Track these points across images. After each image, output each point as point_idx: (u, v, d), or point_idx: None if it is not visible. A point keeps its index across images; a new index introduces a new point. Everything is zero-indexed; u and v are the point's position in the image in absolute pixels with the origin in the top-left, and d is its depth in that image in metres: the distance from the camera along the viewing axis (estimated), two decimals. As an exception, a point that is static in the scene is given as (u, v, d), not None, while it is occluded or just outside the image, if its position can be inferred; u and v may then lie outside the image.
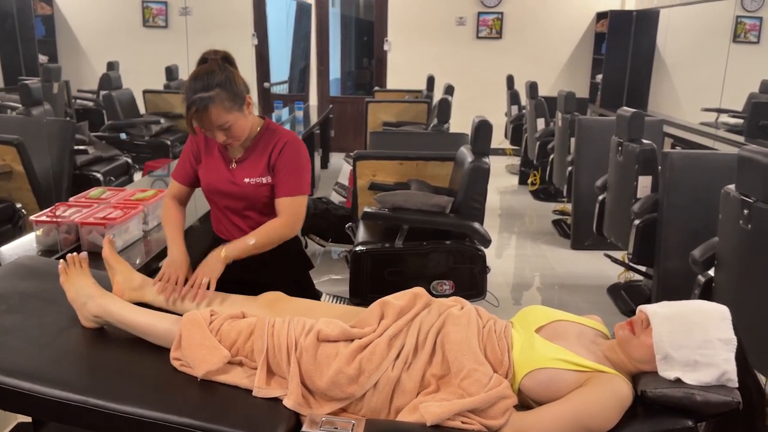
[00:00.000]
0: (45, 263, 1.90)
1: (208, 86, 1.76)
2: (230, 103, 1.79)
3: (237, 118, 1.82)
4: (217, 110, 1.77)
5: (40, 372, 1.39)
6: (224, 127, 1.81)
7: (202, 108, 1.75)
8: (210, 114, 1.76)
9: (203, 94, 1.75)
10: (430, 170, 3.60)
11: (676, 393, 1.33)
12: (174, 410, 1.34)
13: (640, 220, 3.21)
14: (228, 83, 1.79)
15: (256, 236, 1.90)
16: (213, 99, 1.75)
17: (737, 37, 5.83)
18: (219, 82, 1.77)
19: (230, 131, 1.83)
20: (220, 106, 1.77)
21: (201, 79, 1.77)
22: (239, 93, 1.82)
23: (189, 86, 1.78)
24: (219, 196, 2.01)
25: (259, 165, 1.95)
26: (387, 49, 8.06)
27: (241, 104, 1.83)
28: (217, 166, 1.98)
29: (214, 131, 1.82)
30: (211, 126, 1.80)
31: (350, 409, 1.43)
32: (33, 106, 3.99)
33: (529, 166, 6.41)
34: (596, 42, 7.99)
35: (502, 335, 1.50)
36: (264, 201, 1.97)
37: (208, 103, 1.75)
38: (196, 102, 1.75)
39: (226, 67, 1.82)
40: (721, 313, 1.39)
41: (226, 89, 1.78)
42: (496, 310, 3.38)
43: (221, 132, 1.82)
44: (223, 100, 1.77)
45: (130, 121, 5.19)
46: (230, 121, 1.80)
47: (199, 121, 1.79)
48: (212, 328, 1.51)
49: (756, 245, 2.25)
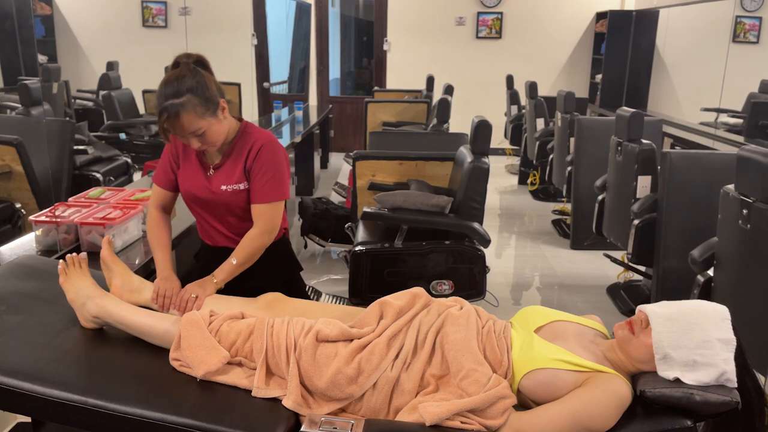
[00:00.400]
0: (44, 263, 1.90)
1: (178, 92, 1.70)
2: (202, 109, 1.73)
3: (210, 123, 1.76)
4: (189, 116, 1.71)
5: (40, 372, 1.39)
6: (197, 133, 1.75)
7: (173, 115, 1.70)
8: (182, 121, 1.71)
9: (174, 101, 1.70)
10: (430, 170, 3.60)
11: (675, 393, 1.33)
12: (173, 410, 1.34)
13: (639, 220, 3.21)
14: (200, 88, 1.73)
15: (236, 255, 1.86)
16: (184, 105, 1.70)
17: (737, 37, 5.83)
18: (190, 87, 1.71)
19: (204, 137, 1.77)
20: (192, 112, 1.71)
21: (171, 85, 1.71)
22: (212, 97, 1.76)
23: (160, 92, 1.73)
24: (197, 204, 1.97)
25: (235, 171, 1.89)
26: (386, 49, 8.06)
27: (214, 109, 1.77)
28: (194, 173, 1.92)
29: (188, 138, 1.76)
30: (184, 132, 1.74)
31: (349, 409, 1.43)
32: (32, 106, 3.99)
33: (528, 166, 6.41)
34: (596, 42, 8.00)
35: (502, 335, 1.50)
36: (242, 206, 1.93)
37: (179, 110, 1.70)
38: (167, 108, 1.70)
39: (197, 71, 1.76)
40: (721, 313, 1.39)
41: (197, 94, 1.72)
42: (496, 310, 3.38)
43: (195, 138, 1.76)
44: (195, 105, 1.71)
45: (129, 121, 5.19)
46: (203, 127, 1.75)
47: (172, 128, 1.73)
48: (211, 328, 1.51)
49: (755, 245, 2.25)
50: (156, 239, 1.93)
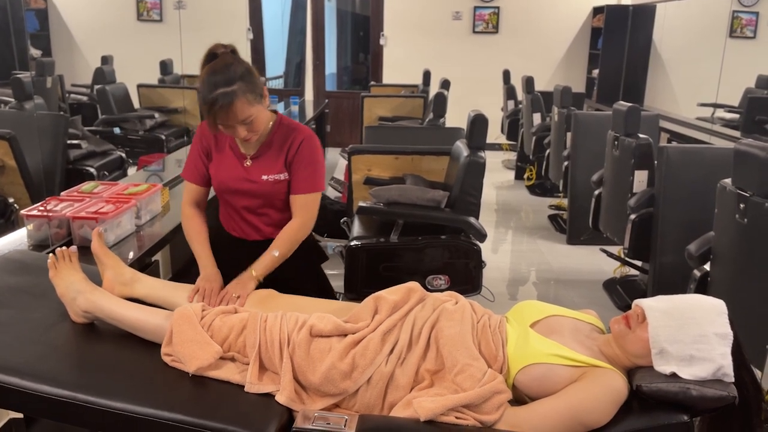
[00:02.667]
0: (35, 258, 1.88)
1: (229, 80, 1.68)
2: (252, 96, 1.73)
3: (259, 110, 1.76)
4: (242, 104, 1.70)
5: (29, 368, 1.37)
6: (247, 121, 1.74)
7: (226, 104, 1.68)
8: (235, 109, 1.69)
9: (226, 89, 1.68)
10: (426, 165, 3.59)
11: (672, 387, 1.32)
12: (165, 406, 1.32)
13: (636, 215, 3.20)
14: (248, 75, 1.73)
15: (279, 247, 1.86)
16: (236, 93, 1.68)
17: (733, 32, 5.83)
18: (240, 74, 1.71)
19: (252, 125, 1.76)
20: (244, 99, 1.70)
21: (221, 73, 1.69)
22: (258, 85, 1.76)
23: (206, 81, 1.70)
24: (234, 195, 1.95)
25: (276, 162, 1.90)
26: (383, 43, 8.03)
27: (260, 97, 1.77)
28: (231, 164, 1.91)
29: (235, 127, 1.74)
30: (235, 121, 1.72)
31: (343, 404, 1.42)
32: (25, 100, 3.95)
33: (525, 161, 6.40)
34: (593, 37, 7.98)
35: (497, 330, 1.49)
36: (281, 198, 1.93)
37: (233, 98, 1.68)
38: (220, 98, 1.67)
39: (241, 59, 1.76)
40: (717, 307, 1.38)
41: (246, 82, 1.71)
42: (492, 305, 3.37)
43: (243, 127, 1.75)
44: (246, 92, 1.71)
45: (124, 115, 5.15)
46: (253, 115, 1.74)
47: (223, 117, 1.71)
48: (204, 323, 1.49)
49: (752, 239, 2.24)
50: (195, 235, 1.91)
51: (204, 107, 1.71)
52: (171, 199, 2.71)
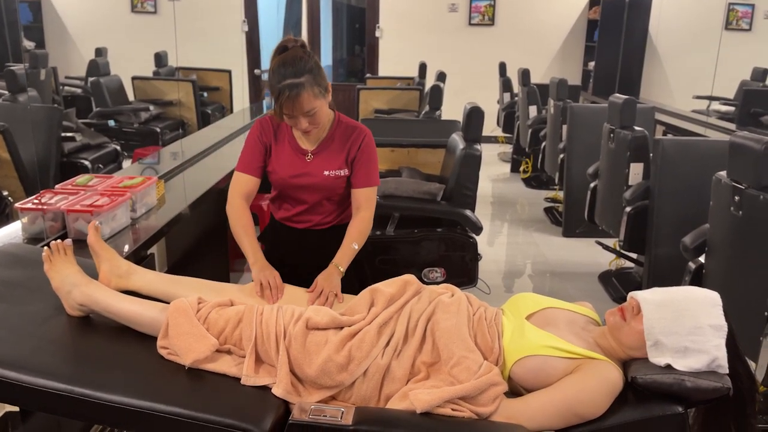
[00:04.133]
0: (30, 251, 1.87)
1: (298, 72, 1.77)
2: (318, 89, 1.81)
3: (322, 104, 1.85)
4: (308, 95, 1.78)
5: (25, 361, 1.36)
6: (311, 113, 1.82)
7: (294, 94, 1.76)
8: (301, 99, 1.77)
9: (294, 80, 1.76)
10: (422, 157, 3.59)
11: (667, 379, 1.32)
12: (161, 399, 1.32)
13: (631, 207, 3.21)
14: (316, 69, 1.81)
15: (356, 240, 1.95)
16: (304, 85, 1.77)
17: (729, 24, 5.83)
18: (309, 68, 1.79)
19: (315, 117, 1.84)
20: (311, 91, 1.78)
21: (290, 65, 1.78)
22: (324, 80, 1.84)
23: (276, 72, 1.79)
24: (294, 189, 2.01)
25: (338, 158, 1.98)
26: (379, 35, 8.00)
27: (325, 92, 1.85)
28: (292, 159, 1.98)
29: (298, 118, 1.82)
30: (300, 111, 1.80)
31: (340, 397, 1.42)
32: (19, 92, 3.93)
33: (521, 153, 6.40)
34: (589, 29, 7.97)
35: (493, 322, 1.49)
36: (339, 192, 2.01)
37: (300, 89, 1.76)
38: (288, 87, 1.76)
39: (311, 54, 1.83)
40: (712, 299, 1.39)
41: (314, 75, 1.80)
42: (488, 298, 3.37)
43: (306, 119, 1.82)
44: (313, 85, 1.79)
45: (118, 108, 5.13)
46: (317, 107, 1.82)
47: (289, 107, 1.78)
48: (200, 316, 1.49)
49: (746, 231, 2.25)
50: (242, 228, 1.93)
51: (272, 95, 1.80)
52: (166, 191, 2.70)
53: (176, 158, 3.36)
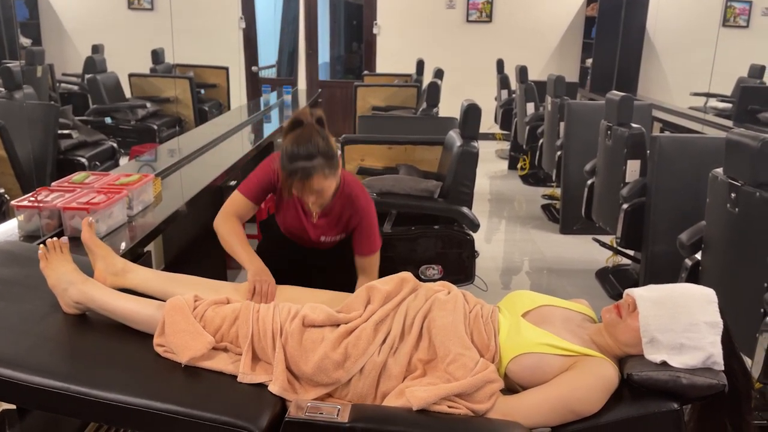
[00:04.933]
0: (26, 249, 1.86)
1: (311, 155, 1.77)
2: (329, 171, 1.81)
3: (331, 183, 1.86)
4: (319, 178, 1.79)
5: (21, 359, 1.36)
6: (319, 192, 1.84)
7: (305, 176, 1.78)
8: (312, 182, 1.79)
9: (306, 164, 1.77)
10: (419, 155, 3.59)
11: (662, 376, 1.33)
12: (158, 397, 1.32)
13: (628, 205, 3.21)
14: (328, 150, 1.81)
15: None
16: (315, 168, 1.78)
17: (727, 21, 5.83)
18: (321, 150, 1.79)
19: (322, 194, 1.86)
20: (321, 174, 1.79)
21: (303, 146, 1.78)
22: (336, 159, 1.85)
23: (289, 151, 1.79)
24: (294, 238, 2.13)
25: (336, 227, 2.04)
26: (376, 32, 7.99)
27: (336, 169, 1.86)
28: (295, 217, 2.04)
29: (306, 196, 1.85)
30: (309, 192, 1.83)
31: (336, 394, 1.42)
32: (15, 89, 3.92)
33: (518, 150, 6.40)
34: (586, 26, 7.96)
35: (489, 320, 1.50)
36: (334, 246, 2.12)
37: (312, 173, 1.77)
38: (299, 171, 1.77)
39: (324, 132, 1.84)
40: (708, 296, 1.39)
41: (326, 157, 1.80)
42: (485, 295, 3.38)
43: (313, 195, 1.85)
44: (324, 167, 1.79)
45: (115, 105, 5.12)
46: (325, 187, 1.84)
47: (299, 187, 1.81)
48: (196, 313, 1.49)
49: (743, 229, 2.25)
50: (234, 235, 1.95)
51: (283, 173, 1.81)
52: (163, 189, 2.70)
53: (173, 155, 3.35)
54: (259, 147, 3.83)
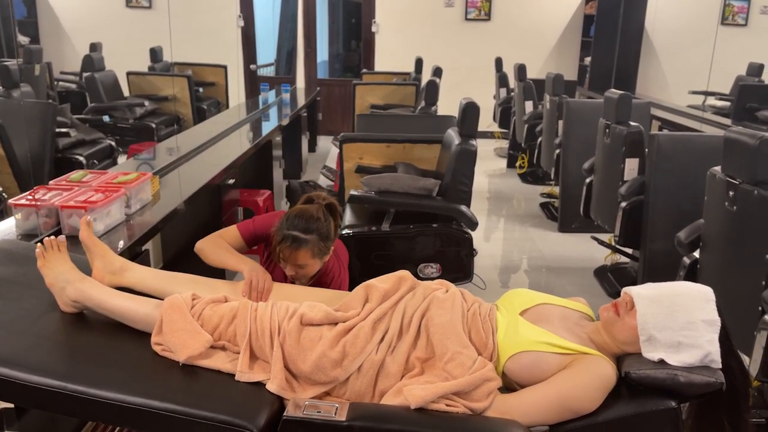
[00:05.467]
0: (24, 247, 1.86)
1: (307, 229, 1.86)
2: (318, 251, 1.89)
3: (316, 264, 1.92)
4: (306, 253, 1.86)
5: (18, 358, 1.36)
6: (301, 266, 1.90)
7: (294, 246, 1.85)
8: (299, 254, 1.86)
9: (300, 235, 1.85)
10: (418, 153, 3.58)
11: (660, 374, 1.33)
12: (155, 395, 1.32)
13: (626, 203, 3.21)
14: (326, 234, 1.90)
15: None
16: (307, 242, 1.86)
17: (725, 19, 5.83)
18: (319, 230, 1.88)
19: (303, 270, 1.92)
20: (310, 251, 1.87)
21: (304, 219, 1.87)
22: (328, 246, 1.93)
23: (289, 220, 1.87)
24: None
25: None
26: (375, 30, 7.98)
27: (325, 255, 1.94)
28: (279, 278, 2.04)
29: (288, 265, 1.90)
30: (293, 262, 1.88)
31: (334, 392, 1.42)
32: (13, 88, 3.91)
33: (517, 149, 6.40)
34: (585, 24, 7.96)
35: (487, 318, 1.50)
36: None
37: (301, 245, 1.85)
38: (290, 238, 1.85)
39: (328, 217, 1.93)
40: (705, 294, 1.39)
41: (321, 238, 1.88)
42: (483, 293, 3.38)
43: (293, 268, 1.91)
44: (314, 246, 1.87)
45: (113, 103, 5.10)
46: (309, 265, 1.90)
47: (286, 255, 1.87)
48: (194, 312, 1.49)
49: (741, 227, 2.25)
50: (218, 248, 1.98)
51: (276, 238, 1.88)
52: (161, 187, 2.69)
53: (171, 154, 3.35)
54: (258, 145, 3.83)
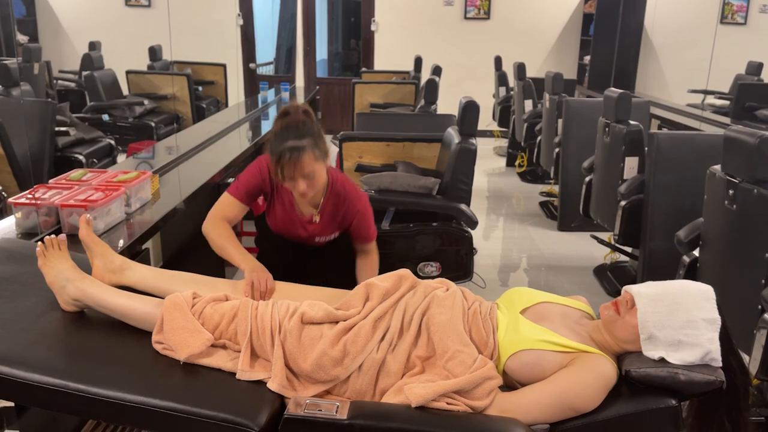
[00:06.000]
0: (24, 246, 1.86)
1: (300, 135, 1.85)
2: (318, 152, 1.89)
3: (321, 168, 1.92)
4: (309, 158, 1.85)
5: (19, 356, 1.36)
6: (310, 176, 1.88)
7: (296, 156, 1.83)
8: (302, 161, 1.84)
9: (297, 143, 1.84)
10: (417, 152, 3.58)
11: (660, 372, 1.33)
12: (156, 394, 1.32)
13: (626, 201, 3.21)
14: (318, 134, 1.91)
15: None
16: (305, 147, 1.85)
17: (724, 18, 5.83)
18: (311, 132, 1.88)
19: (313, 181, 1.90)
20: (311, 153, 1.86)
21: (293, 129, 1.86)
22: (324, 145, 1.93)
23: (278, 135, 1.86)
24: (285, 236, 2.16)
25: (330, 226, 2.09)
26: (374, 29, 7.98)
27: (325, 156, 1.94)
28: (288, 218, 2.08)
29: (298, 180, 1.88)
30: (301, 173, 1.87)
31: (335, 391, 1.42)
32: (12, 86, 3.91)
33: (516, 147, 6.40)
34: (584, 23, 7.96)
35: (487, 317, 1.50)
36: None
37: (302, 152, 1.84)
38: (289, 150, 1.83)
39: (313, 120, 1.92)
40: (705, 293, 1.39)
41: (315, 139, 1.88)
42: (483, 292, 3.38)
43: (304, 181, 1.89)
44: (314, 148, 1.87)
45: (112, 102, 5.10)
46: (316, 171, 1.89)
47: (290, 169, 1.85)
48: (194, 311, 1.49)
49: (740, 225, 2.25)
50: (225, 237, 1.99)
51: (273, 157, 1.87)
52: (161, 186, 2.69)
53: (171, 153, 3.35)
54: (257, 144, 3.83)
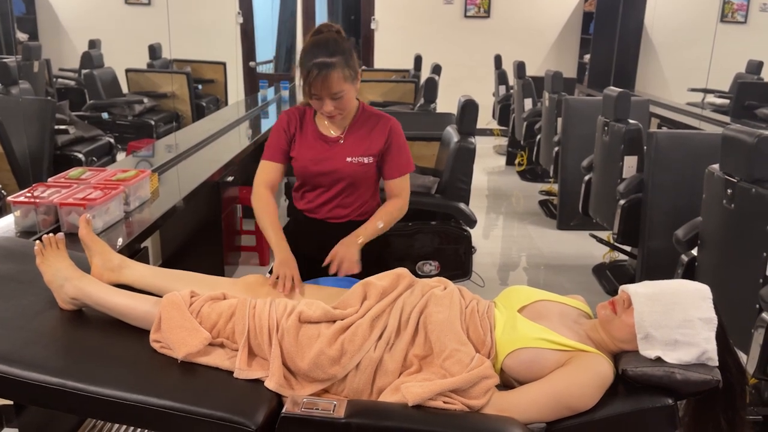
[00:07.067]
0: (22, 245, 1.86)
1: (331, 53, 1.78)
2: (349, 72, 1.82)
3: (350, 89, 1.85)
4: (338, 76, 1.78)
5: (16, 355, 1.36)
6: (338, 96, 1.82)
7: (324, 74, 1.76)
8: (331, 79, 1.78)
9: (326, 59, 1.77)
10: (416, 150, 3.58)
11: (657, 372, 1.33)
12: (154, 393, 1.32)
13: (625, 200, 3.21)
14: (349, 53, 1.83)
15: (382, 219, 1.97)
16: (335, 65, 1.77)
17: (725, 16, 5.82)
18: (341, 50, 1.80)
19: (341, 102, 1.84)
20: (341, 72, 1.79)
21: (323, 46, 1.79)
22: (355, 65, 1.85)
23: (309, 51, 1.79)
24: (317, 177, 2.01)
25: (361, 145, 1.98)
26: (374, 27, 7.97)
27: (355, 77, 1.86)
28: (314, 145, 1.98)
29: (325, 100, 1.82)
30: (329, 92, 1.80)
31: (332, 390, 1.43)
32: (11, 85, 3.91)
33: (516, 146, 6.41)
34: (584, 21, 7.96)
35: (485, 315, 1.50)
36: (366, 182, 2.01)
37: (330, 69, 1.77)
38: (318, 66, 1.76)
39: (345, 38, 1.85)
40: (702, 292, 1.39)
41: (346, 58, 1.81)
42: (482, 291, 3.38)
43: (332, 101, 1.83)
44: (343, 67, 1.80)
45: (112, 100, 5.10)
46: (345, 91, 1.82)
47: (318, 86, 1.79)
48: (192, 309, 1.49)
49: (739, 225, 2.26)
50: (268, 218, 1.95)
51: (302, 73, 1.80)
52: (160, 184, 2.70)
53: (170, 151, 3.35)
54: (257, 143, 3.83)
